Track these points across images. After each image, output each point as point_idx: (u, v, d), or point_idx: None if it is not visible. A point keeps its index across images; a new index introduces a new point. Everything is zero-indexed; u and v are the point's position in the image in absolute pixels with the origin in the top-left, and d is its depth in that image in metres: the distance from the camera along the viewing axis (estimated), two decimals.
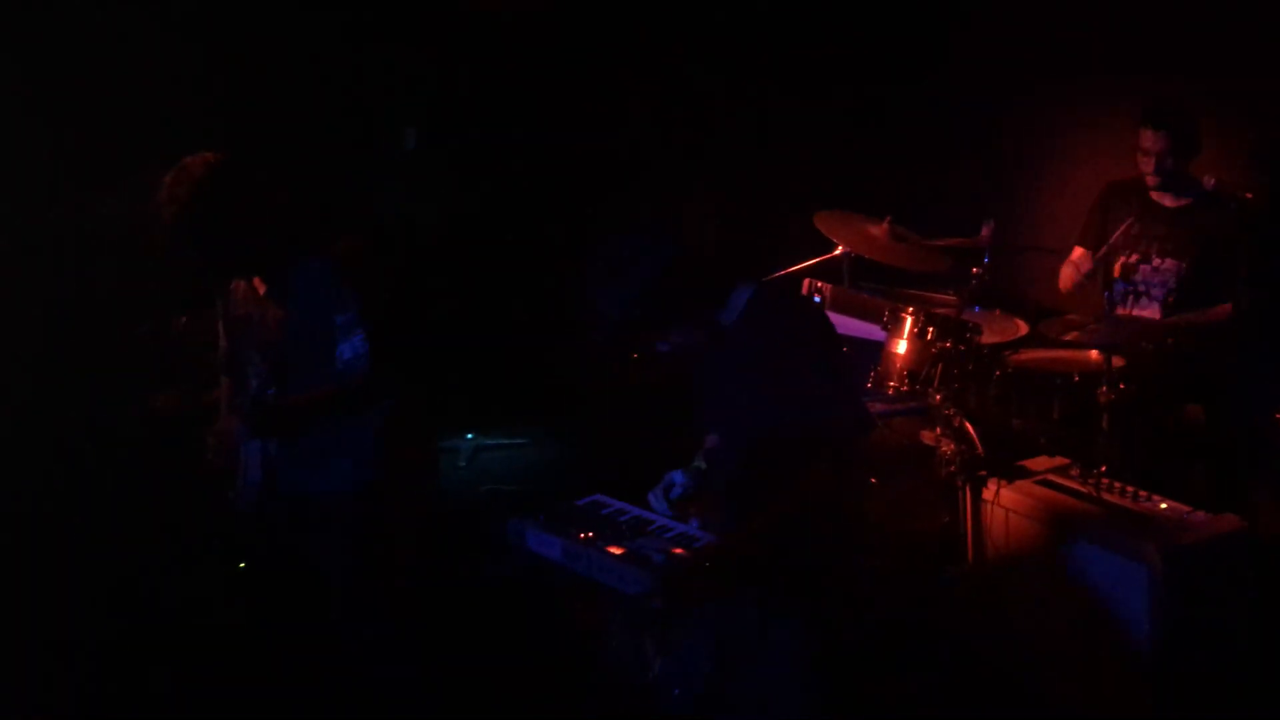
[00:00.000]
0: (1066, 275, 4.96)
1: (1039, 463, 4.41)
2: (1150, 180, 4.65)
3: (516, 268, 6.85)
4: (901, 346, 4.54)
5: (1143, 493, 4.09)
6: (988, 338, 4.65)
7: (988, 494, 4.28)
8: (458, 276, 6.56)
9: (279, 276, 3.56)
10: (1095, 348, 4.40)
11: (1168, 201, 4.70)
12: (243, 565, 4.21)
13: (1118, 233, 4.60)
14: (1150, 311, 4.71)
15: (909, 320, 4.53)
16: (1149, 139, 4.59)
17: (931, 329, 4.48)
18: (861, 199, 4.85)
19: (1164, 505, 4.02)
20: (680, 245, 2.96)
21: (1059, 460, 4.40)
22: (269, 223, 3.47)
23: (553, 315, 6.88)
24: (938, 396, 4.44)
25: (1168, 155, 4.57)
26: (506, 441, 6.78)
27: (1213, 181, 4.33)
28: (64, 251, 5.04)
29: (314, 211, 3.81)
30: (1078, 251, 4.96)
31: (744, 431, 3.11)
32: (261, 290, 3.62)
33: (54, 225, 5.01)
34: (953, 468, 4.33)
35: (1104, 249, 4.68)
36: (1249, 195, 4.29)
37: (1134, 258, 4.76)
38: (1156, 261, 4.70)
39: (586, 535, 2.94)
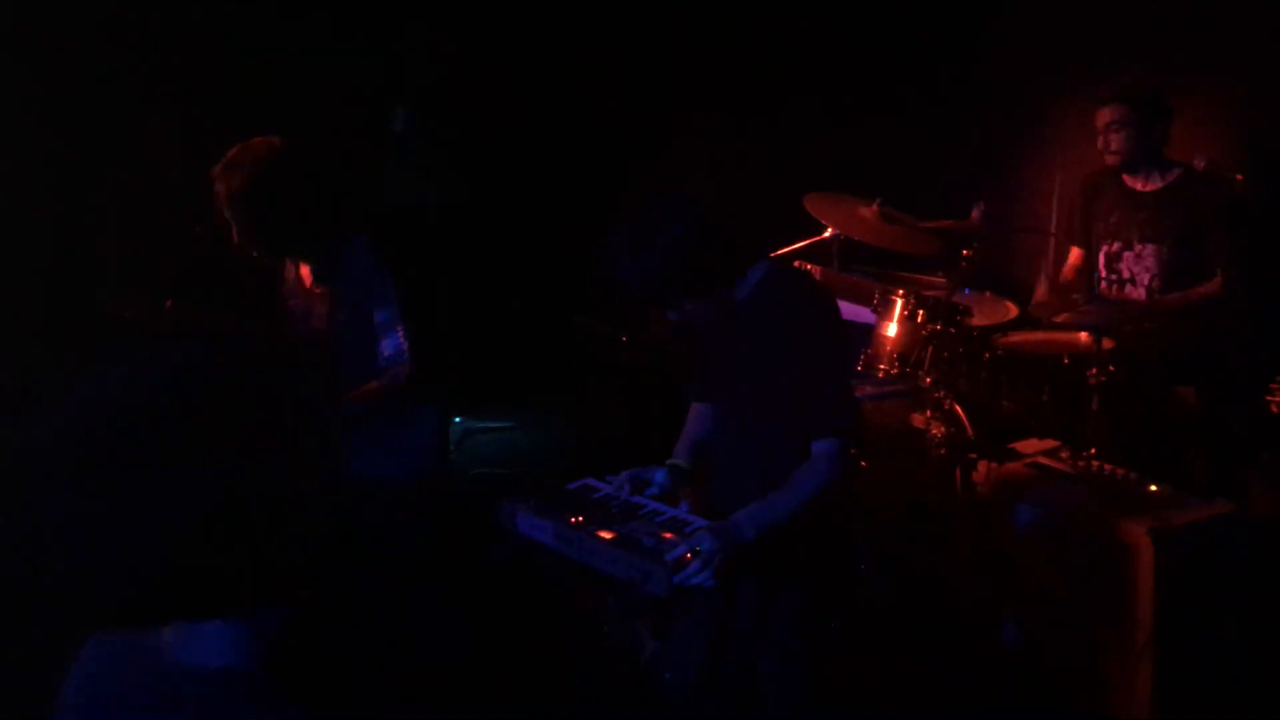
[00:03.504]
0: (1069, 272, 4.93)
1: (1029, 445, 4.41)
2: (1109, 160, 4.62)
3: (505, 251, 6.83)
4: (891, 329, 4.54)
5: (1132, 475, 4.09)
6: (978, 320, 4.64)
7: (978, 476, 4.28)
8: (445, 260, 6.53)
9: (324, 268, 3.54)
10: (1085, 330, 4.39)
11: (1141, 185, 4.67)
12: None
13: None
14: (1137, 298, 4.70)
15: (899, 303, 4.53)
16: (1102, 113, 4.56)
17: (921, 312, 4.48)
18: (852, 181, 4.83)
19: (1154, 488, 4.03)
20: (706, 216, 2.93)
21: (1049, 443, 4.41)
22: (322, 212, 3.45)
23: (543, 298, 6.88)
24: (928, 379, 4.44)
25: (1113, 130, 4.53)
26: (495, 425, 6.76)
27: (1203, 164, 4.31)
28: (51, 234, 5.01)
29: (359, 202, 3.79)
30: (1074, 253, 4.95)
31: (741, 408, 3.09)
32: (308, 282, 3.60)
33: (44, 210, 4.98)
34: (943, 450, 4.33)
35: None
36: (1239, 177, 4.27)
37: (1115, 246, 4.74)
38: (1138, 248, 4.68)
39: (578, 519, 2.92)
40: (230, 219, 3.36)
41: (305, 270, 3.62)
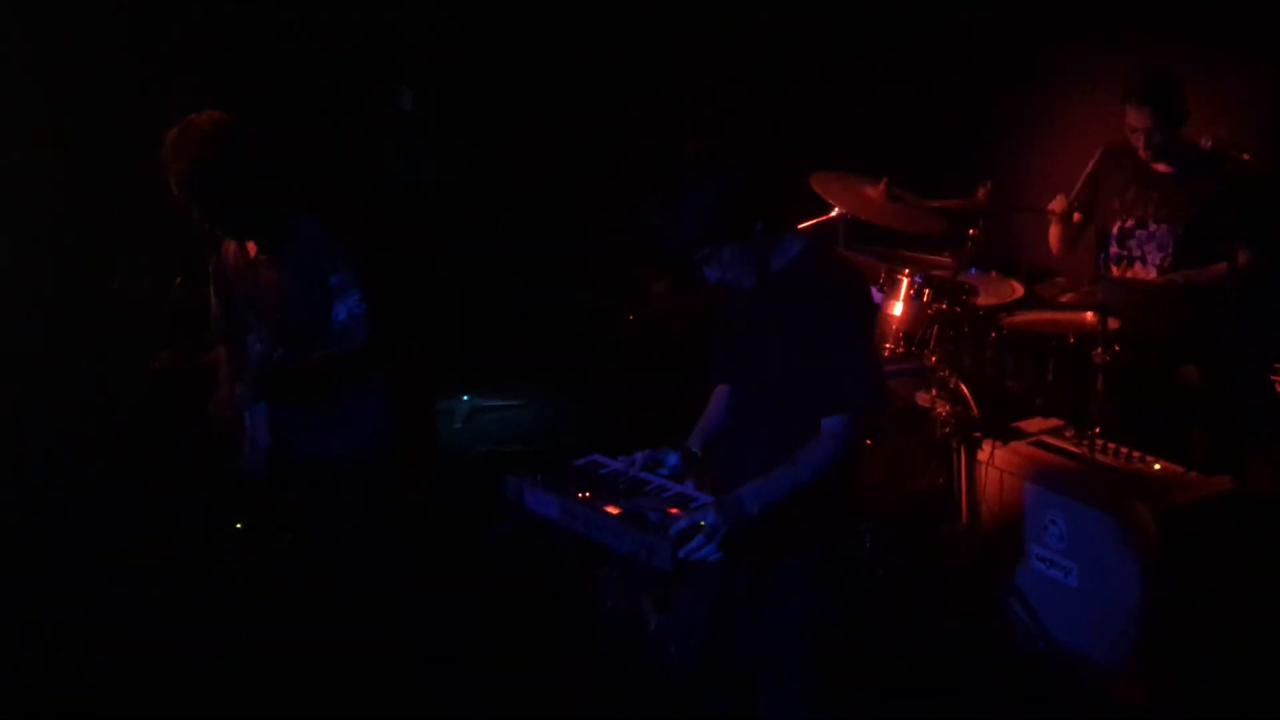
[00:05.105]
0: (1055, 236, 4.95)
1: (1033, 424, 4.43)
2: (1143, 155, 4.63)
3: (514, 229, 6.84)
4: (897, 308, 4.55)
5: (1136, 453, 4.11)
6: (983, 299, 4.65)
7: (982, 455, 4.30)
8: (455, 238, 6.56)
9: (274, 239, 3.55)
10: (1090, 309, 4.40)
11: (1162, 167, 4.67)
12: (240, 526, 4.23)
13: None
14: (1146, 275, 4.70)
15: (905, 282, 4.54)
16: (1135, 116, 4.55)
17: (927, 291, 4.49)
18: (858, 160, 4.83)
19: (1157, 466, 4.05)
20: (739, 157, 2.93)
21: (1053, 421, 4.43)
22: (271, 184, 3.46)
23: (547, 275, 6.90)
24: (933, 358, 4.45)
25: (1156, 130, 4.53)
26: (502, 403, 6.79)
27: (1209, 142, 4.30)
28: (61, 213, 5.04)
29: (310, 173, 3.80)
30: (1059, 200, 4.94)
31: (757, 382, 3.09)
32: (253, 253, 3.61)
33: (51, 188, 5.00)
34: (948, 429, 4.34)
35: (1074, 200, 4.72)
36: (1245, 156, 4.27)
37: (1130, 222, 4.74)
38: (1152, 226, 4.68)
39: (584, 495, 2.95)
40: (186, 199, 3.37)
41: (250, 242, 3.63)
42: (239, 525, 4.23)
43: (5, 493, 4.69)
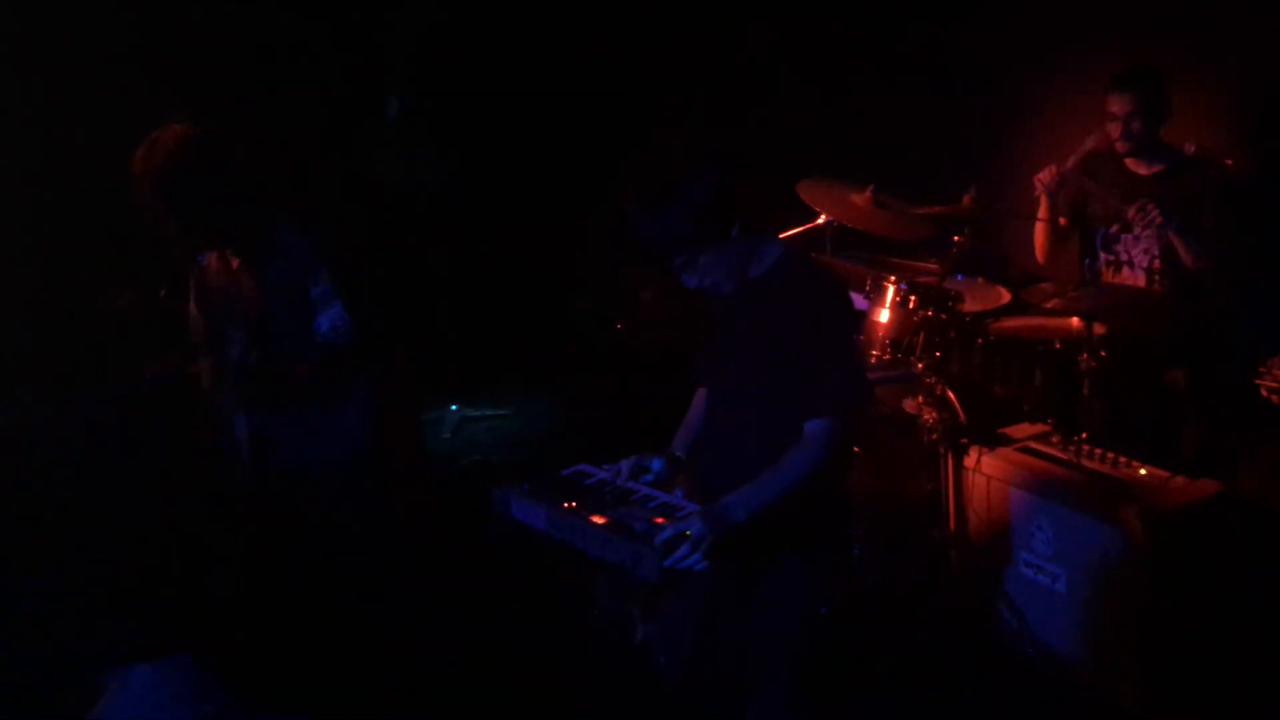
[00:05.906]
0: (1040, 243, 4.95)
1: (1020, 430, 4.44)
2: (1120, 146, 4.63)
3: (503, 233, 6.84)
4: (884, 315, 4.55)
5: (1123, 458, 4.12)
6: (970, 306, 4.66)
7: (969, 461, 4.31)
8: (445, 243, 6.56)
9: (253, 249, 3.54)
10: (1076, 314, 4.41)
11: (1142, 169, 4.68)
12: (228, 533, 4.22)
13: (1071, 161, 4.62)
14: (1135, 280, 4.71)
15: (891, 289, 4.55)
16: (1116, 103, 4.56)
17: (914, 298, 4.50)
18: (845, 167, 4.84)
19: (1144, 471, 4.06)
20: (724, 167, 2.92)
21: (1040, 427, 4.44)
22: (243, 194, 3.45)
23: (537, 283, 6.90)
24: (920, 365, 4.46)
25: (1134, 118, 4.54)
26: (491, 412, 6.78)
27: (1193, 148, 4.32)
28: (46, 223, 5.03)
29: (290, 181, 3.80)
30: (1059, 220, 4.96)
31: (740, 389, 3.10)
32: (234, 263, 3.60)
33: (35, 197, 4.99)
34: (935, 435, 4.36)
35: (1066, 169, 4.69)
36: (1229, 162, 4.28)
37: (1114, 229, 4.75)
38: (1137, 230, 4.70)
39: (570, 505, 2.94)
40: (160, 214, 3.37)
41: (229, 251, 3.63)
42: (228, 532, 4.23)
43: None
